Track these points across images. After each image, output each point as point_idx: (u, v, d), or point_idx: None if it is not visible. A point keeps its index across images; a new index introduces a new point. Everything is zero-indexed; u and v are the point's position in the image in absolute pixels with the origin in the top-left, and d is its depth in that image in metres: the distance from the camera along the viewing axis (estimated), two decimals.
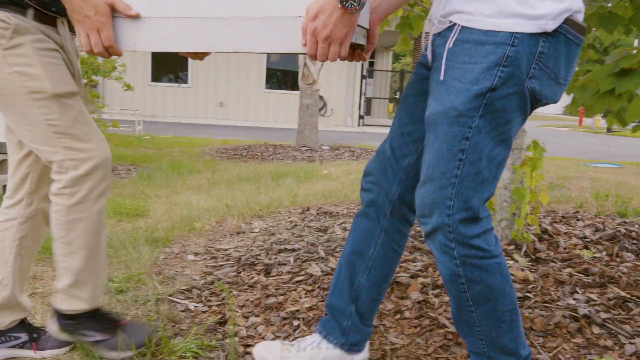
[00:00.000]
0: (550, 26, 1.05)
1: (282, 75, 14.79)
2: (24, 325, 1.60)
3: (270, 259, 2.37)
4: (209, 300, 1.95)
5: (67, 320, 1.52)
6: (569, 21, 1.07)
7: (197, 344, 1.59)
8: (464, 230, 1.13)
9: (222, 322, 1.77)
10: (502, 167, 1.16)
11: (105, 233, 1.54)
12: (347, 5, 0.98)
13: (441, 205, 1.13)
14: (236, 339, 1.65)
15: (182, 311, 1.85)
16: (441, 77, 1.13)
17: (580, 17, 1.10)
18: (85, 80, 1.40)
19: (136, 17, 1.14)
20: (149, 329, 1.60)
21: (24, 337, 1.59)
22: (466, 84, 1.08)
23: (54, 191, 1.40)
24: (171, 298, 1.96)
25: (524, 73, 1.07)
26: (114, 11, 1.16)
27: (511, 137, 1.14)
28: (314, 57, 1.05)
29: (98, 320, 1.54)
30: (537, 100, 1.12)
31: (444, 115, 1.11)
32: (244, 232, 2.89)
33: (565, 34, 1.07)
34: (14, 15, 1.28)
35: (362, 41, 1.24)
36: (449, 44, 1.11)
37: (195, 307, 1.88)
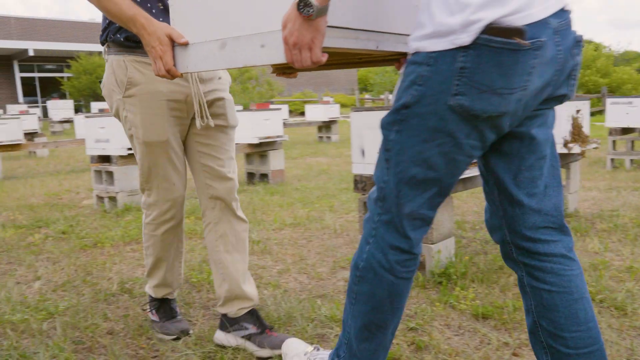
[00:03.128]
0: (464, 39, 1.02)
1: None
2: (254, 317, 1.75)
3: None
4: None
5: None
6: (491, 29, 1.01)
7: None
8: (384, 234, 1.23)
9: None
10: (424, 189, 1.16)
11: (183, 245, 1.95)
12: (303, 12, 1.02)
13: (371, 205, 1.23)
14: None
15: None
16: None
17: (515, 20, 1.02)
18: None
19: (186, 44, 1.32)
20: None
21: (251, 329, 1.73)
22: (394, 99, 1.17)
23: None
24: None
25: (442, 91, 1.07)
26: (173, 41, 1.35)
27: (431, 157, 1.12)
28: (291, 64, 1.11)
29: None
30: (476, 116, 1.07)
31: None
32: None
33: (488, 44, 1.01)
34: (133, 56, 1.66)
35: (389, 47, 1.22)
36: (404, 67, 1.18)
37: None
